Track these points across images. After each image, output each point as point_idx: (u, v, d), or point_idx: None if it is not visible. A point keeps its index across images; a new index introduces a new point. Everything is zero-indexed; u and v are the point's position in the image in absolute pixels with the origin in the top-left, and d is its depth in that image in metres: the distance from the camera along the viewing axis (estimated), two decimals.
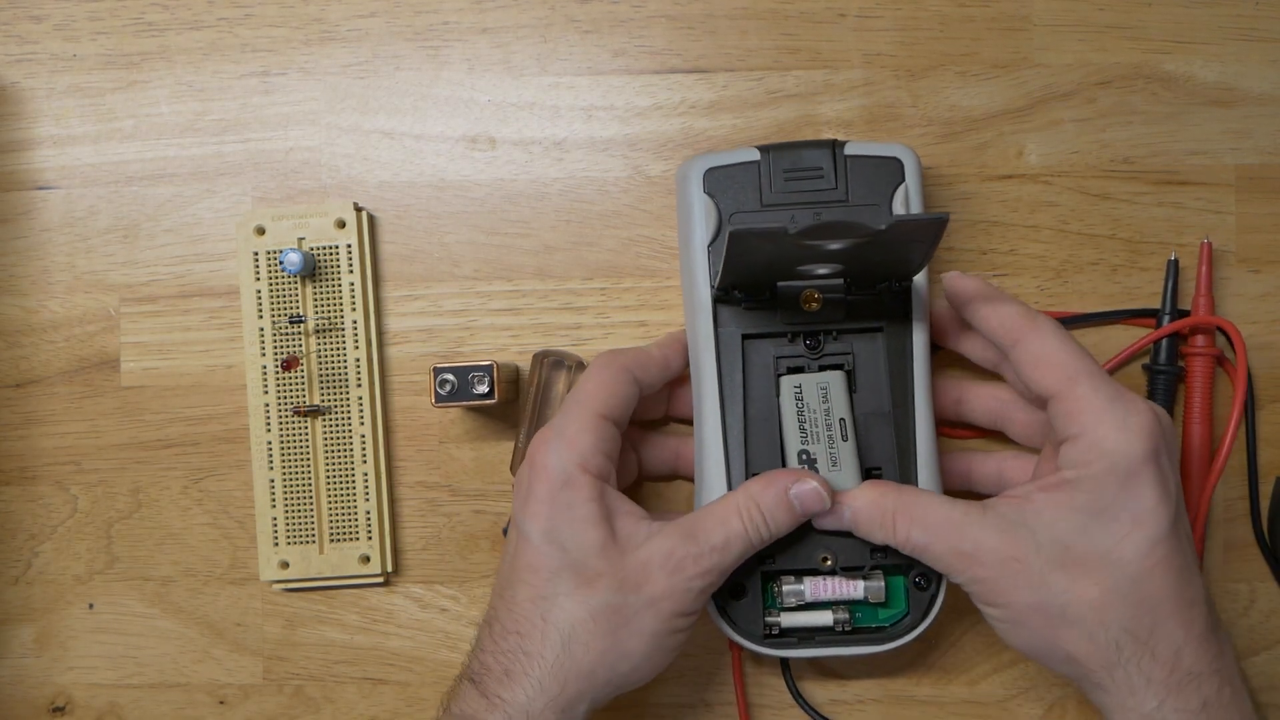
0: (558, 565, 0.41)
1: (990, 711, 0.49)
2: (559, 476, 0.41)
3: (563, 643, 0.40)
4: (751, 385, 0.44)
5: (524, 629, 0.41)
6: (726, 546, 0.41)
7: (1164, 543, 0.39)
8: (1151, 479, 0.39)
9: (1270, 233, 0.49)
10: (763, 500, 0.41)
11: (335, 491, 0.49)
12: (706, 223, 0.44)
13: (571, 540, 0.41)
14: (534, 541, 0.41)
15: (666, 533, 0.41)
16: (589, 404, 0.42)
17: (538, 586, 0.41)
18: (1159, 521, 0.39)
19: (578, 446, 0.42)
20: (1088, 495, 0.39)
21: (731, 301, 0.44)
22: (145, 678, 0.51)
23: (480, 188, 0.51)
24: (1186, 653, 0.38)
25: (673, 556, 0.40)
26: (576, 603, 0.40)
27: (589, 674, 0.40)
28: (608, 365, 0.44)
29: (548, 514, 0.41)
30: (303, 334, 0.49)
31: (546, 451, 0.42)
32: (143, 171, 0.51)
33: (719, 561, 0.41)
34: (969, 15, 0.50)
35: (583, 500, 0.41)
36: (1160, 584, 0.39)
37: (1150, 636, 0.38)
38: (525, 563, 0.41)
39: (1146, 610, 0.38)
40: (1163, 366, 0.48)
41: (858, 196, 0.44)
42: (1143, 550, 0.39)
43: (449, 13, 0.51)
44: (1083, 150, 0.50)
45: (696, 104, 0.50)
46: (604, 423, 0.42)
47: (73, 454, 0.51)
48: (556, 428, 0.42)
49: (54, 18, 0.51)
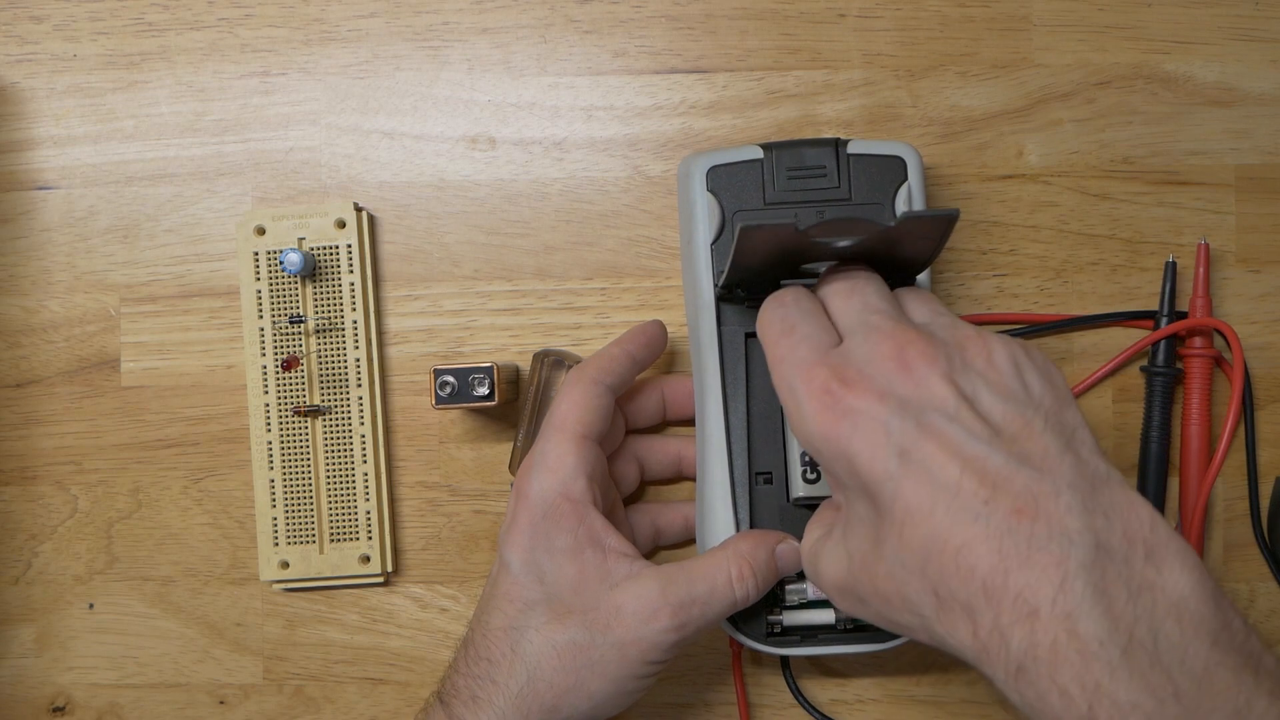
0: (533, 598, 0.41)
1: (990, 711, 0.49)
2: (540, 506, 0.41)
3: (528, 676, 0.40)
4: (754, 384, 0.44)
5: (494, 656, 0.41)
6: (710, 600, 0.40)
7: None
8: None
9: (1270, 233, 0.49)
10: (754, 558, 0.41)
11: (335, 491, 0.49)
12: (709, 221, 0.44)
13: (550, 573, 0.41)
14: (513, 571, 0.41)
15: (646, 577, 0.40)
16: (565, 427, 0.42)
17: (511, 616, 0.41)
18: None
19: (559, 473, 0.41)
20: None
21: (734, 300, 0.44)
22: (145, 678, 0.51)
23: (480, 188, 0.51)
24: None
25: (649, 603, 0.40)
26: (544, 637, 0.40)
27: (551, 709, 0.40)
28: (576, 382, 0.43)
29: (528, 544, 0.41)
30: (303, 334, 0.49)
31: (529, 480, 0.42)
32: (143, 171, 0.51)
33: (698, 616, 0.40)
34: (969, 15, 0.50)
35: (564, 531, 0.41)
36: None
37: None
38: (503, 591, 0.41)
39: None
40: (1161, 368, 0.48)
41: (860, 195, 0.44)
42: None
43: (449, 13, 0.51)
44: (1083, 150, 0.50)
45: (696, 104, 0.50)
46: (584, 443, 0.42)
47: (73, 454, 0.51)
48: (538, 454, 0.42)
49: (54, 18, 0.51)
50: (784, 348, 0.37)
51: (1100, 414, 0.50)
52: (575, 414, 0.42)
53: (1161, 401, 0.48)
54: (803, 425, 0.35)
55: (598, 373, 0.44)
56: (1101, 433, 0.50)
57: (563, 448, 0.42)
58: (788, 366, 0.36)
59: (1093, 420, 0.49)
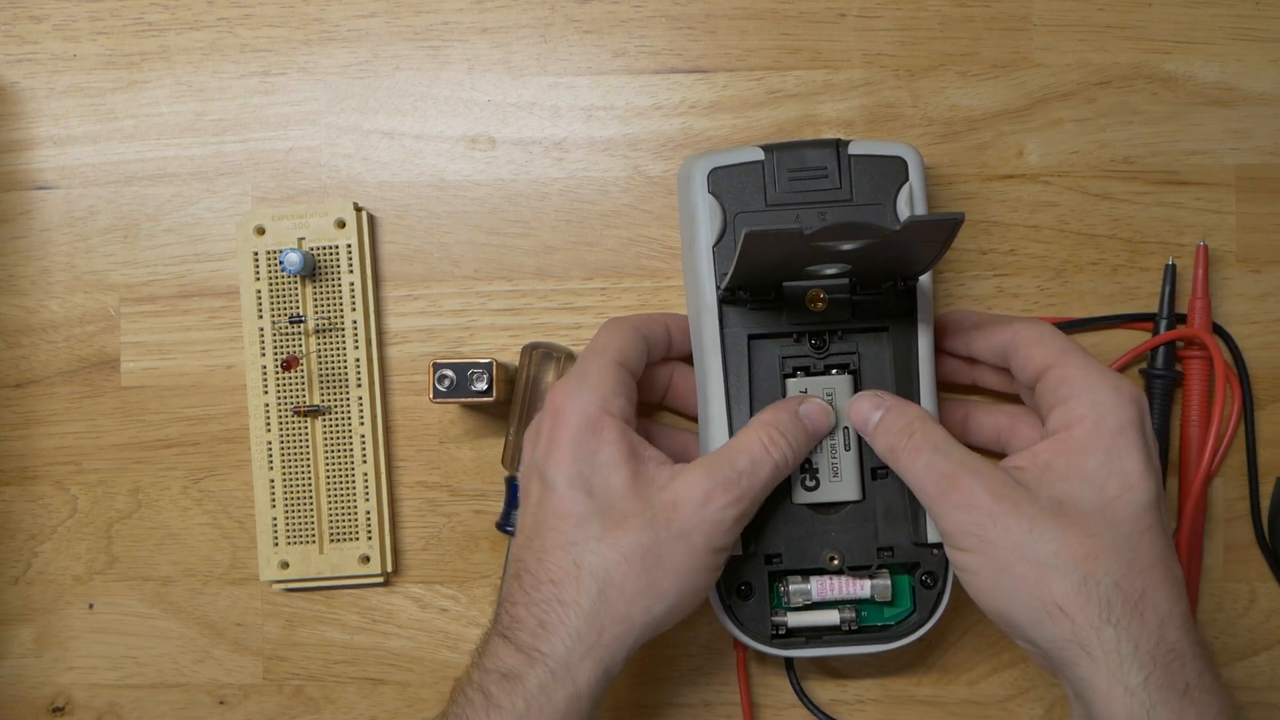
0: (586, 510, 0.40)
1: (990, 711, 0.49)
2: (583, 421, 0.41)
3: (598, 588, 0.39)
4: (757, 385, 0.44)
5: (556, 577, 0.40)
6: (754, 470, 0.41)
7: (1153, 511, 0.39)
8: (1137, 443, 0.39)
9: (1270, 233, 0.49)
10: (778, 422, 0.42)
11: (335, 491, 0.49)
12: (711, 223, 0.44)
13: (598, 484, 0.41)
14: (560, 488, 0.41)
15: (692, 468, 0.41)
16: (606, 353, 0.43)
17: (567, 533, 0.40)
18: (1148, 488, 0.39)
19: (600, 390, 0.42)
20: (1078, 449, 0.39)
21: (737, 302, 0.44)
22: (145, 678, 0.51)
23: (480, 188, 0.51)
24: (1171, 627, 0.37)
25: (700, 487, 0.40)
26: (608, 545, 0.40)
27: (625, 618, 0.40)
28: (619, 323, 0.44)
29: (573, 459, 0.41)
30: (303, 334, 0.49)
31: (567, 397, 0.42)
32: (143, 171, 0.51)
33: (749, 487, 0.41)
34: (969, 15, 0.50)
35: (608, 443, 0.41)
36: (1150, 550, 0.38)
37: (1140, 600, 0.37)
38: (551, 510, 0.41)
39: (1137, 572, 0.38)
40: (1160, 371, 0.48)
41: (862, 196, 0.44)
42: (1135, 512, 0.38)
43: (449, 13, 0.51)
44: (1083, 150, 0.50)
45: (696, 104, 0.50)
46: (622, 370, 0.43)
47: (73, 454, 0.51)
48: (577, 375, 0.43)
49: (54, 18, 0.51)
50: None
51: None
52: (617, 344, 0.43)
53: (1161, 403, 0.48)
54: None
55: (641, 325, 0.45)
56: None
57: (603, 369, 0.42)
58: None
59: None
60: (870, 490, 0.44)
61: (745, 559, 0.44)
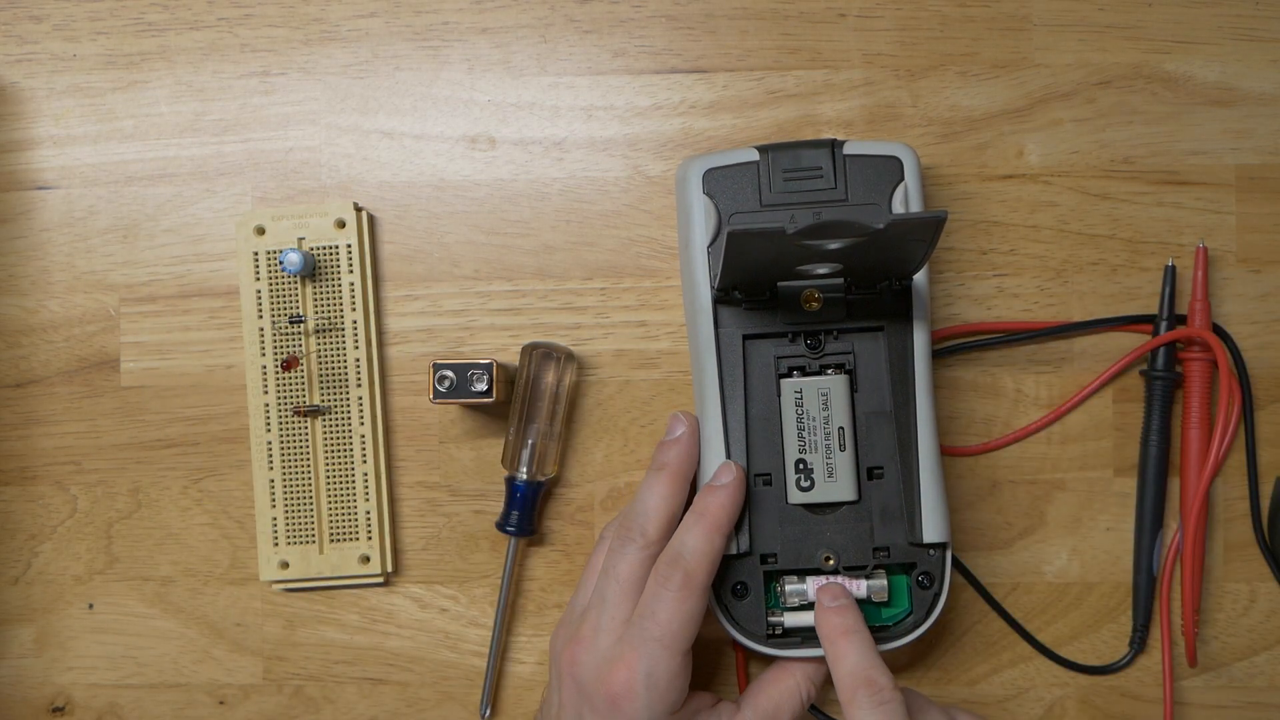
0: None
1: (990, 711, 0.49)
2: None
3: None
4: (753, 385, 0.44)
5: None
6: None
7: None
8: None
9: (1270, 233, 0.49)
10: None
11: (335, 491, 0.49)
12: (706, 223, 0.44)
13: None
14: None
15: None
16: (675, 644, 0.41)
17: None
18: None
19: (669, 700, 0.41)
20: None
21: (732, 302, 0.44)
22: (145, 678, 0.51)
23: (480, 188, 0.51)
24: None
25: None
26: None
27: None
28: (686, 590, 0.41)
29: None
30: (303, 334, 0.49)
31: (636, 705, 0.41)
32: (143, 171, 0.51)
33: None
34: (969, 15, 0.50)
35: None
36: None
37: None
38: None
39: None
40: (1160, 372, 0.48)
41: (857, 196, 0.44)
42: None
43: (449, 13, 0.51)
44: (1083, 150, 0.50)
45: (696, 104, 0.50)
46: (688, 658, 0.42)
47: (73, 454, 0.51)
48: (646, 675, 0.41)
49: (54, 18, 0.51)
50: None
51: (1100, 414, 0.50)
52: (689, 630, 0.41)
53: (1161, 404, 0.48)
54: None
55: (707, 578, 0.42)
56: (1101, 433, 0.50)
57: (674, 669, 0.41)
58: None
59: (1093, 421, 0.49)
60: (866, 490, 0.44)
61: (741, 559, 0.44)
